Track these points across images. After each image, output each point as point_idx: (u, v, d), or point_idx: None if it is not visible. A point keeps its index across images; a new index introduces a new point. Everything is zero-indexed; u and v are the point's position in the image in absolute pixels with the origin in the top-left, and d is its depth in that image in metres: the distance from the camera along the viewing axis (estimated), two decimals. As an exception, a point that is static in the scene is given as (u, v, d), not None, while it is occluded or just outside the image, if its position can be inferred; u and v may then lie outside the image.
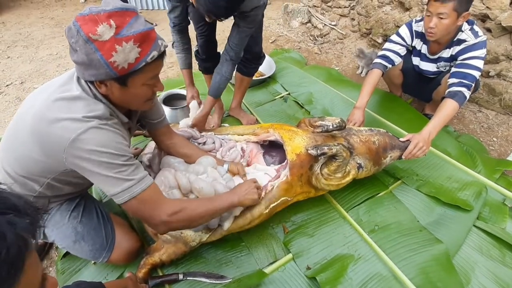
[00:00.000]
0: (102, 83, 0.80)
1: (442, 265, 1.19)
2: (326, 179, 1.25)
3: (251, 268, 1.20)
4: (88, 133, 0.78)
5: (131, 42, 0.75)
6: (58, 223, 1.03)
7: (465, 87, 1.47)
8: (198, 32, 1.67)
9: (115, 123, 0.87)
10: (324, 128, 1.26)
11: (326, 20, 3.29)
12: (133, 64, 0.77)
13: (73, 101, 0.81)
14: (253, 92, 2.23)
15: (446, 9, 1.44)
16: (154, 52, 0.79)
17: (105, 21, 0.72)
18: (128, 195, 0.83)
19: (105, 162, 0.79)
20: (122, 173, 0.81)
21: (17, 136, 0.87)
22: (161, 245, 1.12)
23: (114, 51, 0.73)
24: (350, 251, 1.25)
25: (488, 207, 1.42)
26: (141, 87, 0.84)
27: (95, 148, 0.78)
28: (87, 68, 0.77)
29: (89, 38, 0.72)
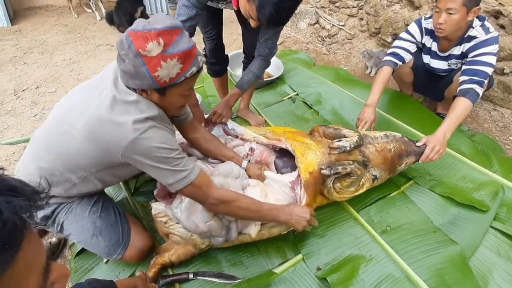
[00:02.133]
0: (144, 90, 0.89)
1: (457, 266, 1.16)
2: (338, 193, 1.24)
3: (261, 268, 1.19)
4: (148, 133, 0.86)
5: (175, 59, 0.82)
6: (78, 216, 1.07)
7: (476, 83, 1.43)
8: (206, 36, 1.68)
9: (165, 122, 0.97)
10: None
11: (334, 20, 3.28)
12: (174, 79, 0.85)
13: (130, 104, 0.89)
14: (261, 93, 2.24)
15: (455, 4, 1.41)
16: (194, 68, 0.88)
17: (155, 39, 0.79)
18: (185, 182, 0.93)
19: (163, 157, 0.89)
20: (177, 165, 0.92)
21: (68, 136, 0.93)
22: (171, 245, 1.13)
23: (159, 67, 0.81)
24: (361, 252, 1.23)
25: (506, 207, 1.38)
26: (178, 97, 0.93)
27: (154, 145, 0.87)
28: (133, 77, 0.85)
29: (139, 53, 0.80)
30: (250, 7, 1.11)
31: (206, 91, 2.29)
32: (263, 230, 1.15)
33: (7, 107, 2.32)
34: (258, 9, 1.08)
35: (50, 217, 1.08)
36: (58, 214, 1.08)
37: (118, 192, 1.51)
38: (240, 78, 1.58)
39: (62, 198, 1.06)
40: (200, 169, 0.98)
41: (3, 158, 1.85)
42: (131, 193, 1.48)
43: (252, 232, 1.13)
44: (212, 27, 1.63)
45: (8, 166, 1.78)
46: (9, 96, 2.43)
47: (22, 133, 2.05)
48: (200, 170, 0.97)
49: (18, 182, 0.36)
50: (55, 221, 1.08)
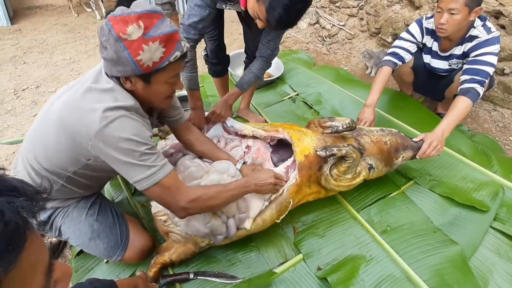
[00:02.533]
0: (128, 79, 0.86)
1: (458, 267, 1.16)
2: (335, 180, 1.24)
3: (261, 268, 1.19)
4: (117, 122, 0.83)
5: (157, 42, 0.80)
6: (75, 219, 1.06)
7: (477, 83, 1.43)
8: (208, 36, 1.68)
9: (140, 114, 0.92)
10: (333, 129, 1.24)
11: (334, 20, 3.28)
12: (157, 63, 0.83)
13: (105, 92, 0.86)
14: (261, 93, 2.24)
15: (457, 5, 1.41)
16: (177, 52, 0.85)
17: (134, 22, 0.78)
18: (151, 181, 0.87)
19: (130, 150, 0.84)
20: (145, 160, 0.86)
21: (44, 128, 0.92)
22: (171, 244, 1.13)
23: (141, 50, 0.79)
24: (361, 252, 1.23)
25: (506, 208, 1.38)
26: (163, 84, 0.90)
27: (122, 136, 0.83)
28: (115, 64, 0.82)
29: (119, 37, 0.78)
30: (259, 8, 1.11)
31: (207, 90, 2.29)
32: (256, 219, 1.14)
33: (7, 106, 2.31)
34: (267, 10, 1.08)
35: (47, 222, 1.07)
36: (55, 219, 1.07)
37: (119, 192, 1.51)
38: (240, 78, 1.59)
39: (59, 202, 1.05)
40: (172, 168, 0.92)
41: (3, 157, 1.85)
42: (132, 193, 1.48)
43: (246, 225, 1.12)
44: (214, 27, 1.63)
45: (8, 166, 1.78)
46: (9, 96, 2.43)
47: (22, 132, 2.05)
48: (171, 170, 0.91)
49: (19, 182, 0.36)
50: (52, 226, 1.08)
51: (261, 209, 1.15)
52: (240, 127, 1.45)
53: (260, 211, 1.14)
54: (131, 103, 0.88)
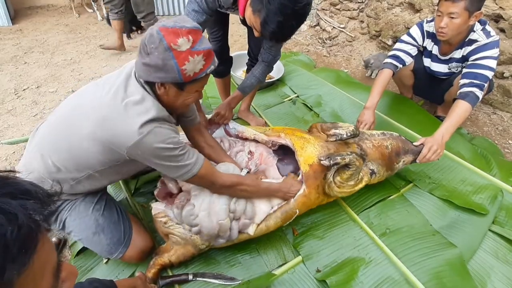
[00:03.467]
0: (163, 85, 0.92)
1: (456, 270, 1.16)
2: (339, 187, 1.24)
3: (260, 270, 1.20)
4: (152, 134, 0.90)
5: (201, 55, 0.89)
6: (81, 213, 1.08)
7: (476, 87, 1.44)
8: (212, 37, 1.68)
9: (169, 122, 0.99)
10: (338, 137, 1.23)
11: (334, 22, 3.29)
12: (197, 74, 0.91)
13: (137, 104, 0.92)
14: (262, 95, 2.24)
15: (457, 9, 1.42)
16: (212, 66, 0.94)
17: (185, 35, 0.86)
18: (190, 174, 1.00)
19: (166, 156, 0.94)
20: (181, 160, 0.97)
21: (74, 134, 0.97)
22: (171, 246, 1.13)
23: (187, 61, 0.87)
24: (361, 254, 1.24)
25: (505, 211, 1.38)
26: (193, 93, 0.98)
27: (157, 146, 0.91)
28: (158, 71, 0.88)
29: (170, 47, 0.85)
30: (255, 20, 1.13)
31: (207, 92, 2.29)
32: (260, 225, 1.15)
33: (7, 106, 2.32)
34: (262, 24, 1.10)
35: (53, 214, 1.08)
36: (62, 211, 1.08)
37: (119, 192, 1.51)
38: (243, 82, 1.59)
39: (67, 195, 1.07)
40: (204, 160, 1.03)
41: (3, 157, 1.85)
42: (131, 193, 1.48)
43: (250, 231, 1.13)
44: (218, 28, 1.64)
45: (8, 166, 1.78)
46: (9, 96, 2.43)
47: (23, 132, 2.06)
48: (203, 162, 1.02)
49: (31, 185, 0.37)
50: (57, 218, 1.09)
51: (266, 216, 1.16)
52: (241, 130, 1.46)
53: (265, 218, 1.15)
54: (162, 114, 0.95)
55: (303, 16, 1.10)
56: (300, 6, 1.04)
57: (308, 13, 1.10)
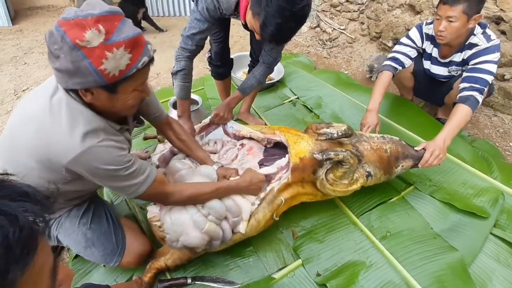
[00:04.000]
0: (88, 90, 0.76)
1: (457, 274, 1.15)
2: (331, 185, 1.23)
3: (259, 273, 1.19)
4: (89, 153, 0.78)
5: (122, 48, 0.71)
6: (68, 230, 1.03)
7: (476, 91, 1.44)
8: (213, 38, 1.68)
9: (112, 135, 0.85)
10: (328, 136, 1.21)
11: (335, 24, 3.29)
12: (124, 71, 0.74)
13: (70, 117, 0.79)
14: (262, 96, 2.23)
15: (455, 12, 1.42)
16: (145, 58, 0.77)
17: (93, 26, 0.68)
18: (135, 194, 0.91)
19: (109, 176, 0.84)
20: (126, 181, 0.87)
21: (16, 151, 0.85)
22: (167, 249, 1.12)
23: (105, 58, 0.70)
24: (361, 258, 1.23)
25: (506, 214, 1.37)
26: (131, 93, 0.82)
27: (97, 166, 0.80)
28: (72, 76, 0.72)
29: (76, 45, 0.68)
30: (255, 23, 1.12)
31: (207, 93, 2.29)
32: (250, 220, 1.13)
33: (7, 107, 2.31)
34: (261, 27, 1.09)
35: None
36: (50, 229, 1.05)
37: (117, 195, 1.50)
38: (243, 82, 1.59)
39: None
40: (154, 177, 0.92)
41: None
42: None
43: (241, 229, 1.11)
44: (220, 30, 1.64)
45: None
46: (9, 96, 2.43)
47: (22, 133, 2.05)
48: (153, 180, 0.91)
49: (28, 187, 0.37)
50: (50, 235, 1.06)
51: (251, 210, 1.14)
52: (238, 128, 1.47)
53: (252, 212, 1.13)
54: (100, 125, 0.81)
55: (302, 18, 1.09)
56: (298, 8, 1.03)
57: (308, 14, 1.09)
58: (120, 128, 0.92)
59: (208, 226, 1.03)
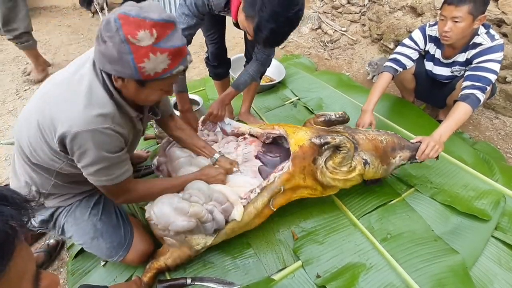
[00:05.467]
0: (120, 78, 0.82)
1: (458, 276, 1.14)
2: (331, 173, 1.23)
3: (259, 274, 1.18)
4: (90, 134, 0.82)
5: (166, 54, 0.78)
6: (78, 219, 1.06)
7: (478, 89, 1.43)
8: (208, 39, 1.68)
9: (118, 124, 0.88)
10: (326, 117, 1.26)
11: (336, 26, 3.29)
12: (159, 73, 0.81)
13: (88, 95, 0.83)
14: (262, 97, 2.24)
15: (461, 13, 1.41)
16: (181, 67, 0.84)
17: (148, 29, 0.75)
18: (102, 185, 0.93)
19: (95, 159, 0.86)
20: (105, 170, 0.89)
21: (31, 123, 0.89)
22: (167, 249, 1.12)
23: (147, 58, 0.76)
24: (361, 260, 1.22)
25: (507, 217, 1.36)
26: (157, 91, 0.89)
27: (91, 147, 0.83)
28: (113, 62, 0.78)
29: (127, 39, 0.74)
30: (248, 25, 1.12)
31: (208, 94, 2.29)
32: (249, 208, 1.13)
33: (8, 106, 2.32)
34: (255, 31, 1.09)
35: (50, 220, 1.08)
36: (58, 217, 1.07)
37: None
38: (237, 78, 1.59)
39: (60, 201, 1.05)
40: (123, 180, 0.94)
41: (2, 157, 1.85)
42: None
43: (236, 216, 1.10)
44: (215, 31, 1.64)
45: (8, 166, 1.78)
46: (11, 96, 2.44)
47: (23, 133, 2.05)
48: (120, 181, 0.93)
49: (7, 191, 0.36)
50: (56, 224, 1.08)
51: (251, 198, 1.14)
52: (237, 125, 1.47)
53: (251, 200, 1.13)
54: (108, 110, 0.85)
55: (295, 22, 1.09)
56: (292, 13, 1.02)
57: (301, 17, 1.09)
58: (136, 115, 0.96)
59: (193, 209, 1.02)
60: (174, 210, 1.00)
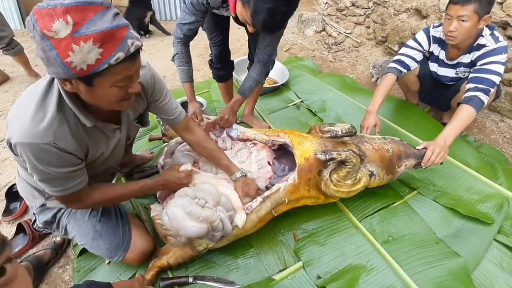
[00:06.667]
0: (67, 80, 0.75)
1: (460, 279, 1.14)
2: (335, 186, 1.24)
3: (260, 274, 1.19)
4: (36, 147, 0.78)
5: (90, 42, 0.67)
6: (79, 220, 1.08)
7: (481, 91, 1.43)
8: (212, 42, 1.71)
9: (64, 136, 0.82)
10: (332, 133, 1.25)
11: (340, 28, 3.30)
12: (93, 66, 0.70)
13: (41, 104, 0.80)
14: (266, 99, 2.25)
15: (466, 12, 1.41)
16: (120, 54, 0.71)
17: (61, 16, 0.65)
18: (51, 193, 0.90)
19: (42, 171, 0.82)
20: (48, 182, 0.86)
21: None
22: (169, 248, 1.14)
23: (71, 51, 0.67)
24: (362, 262, 1.22)
25: (510, 220, 1.35)
26: (110, 88, 0.78)
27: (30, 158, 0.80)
28: (48, 64, 0.72)
29: (44, 35, 0.66)
30: (245, 13, 1.12)
31: (212, 96, 2.32)
32: (252, 216, 1.15)
33: None
34: (252, 15, 1.09)
35: (53, 221, 1.11)
36: (61, 218, 1.10)
37: (122, 194, 1.53)
38: (242, 85, 1.61)
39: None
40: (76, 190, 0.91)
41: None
42: (135, 195, 1.50)
43: (238, 222, 1.11)
44: (218, 33, 1.66)
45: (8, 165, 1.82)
46: (20, 97, 2.49)
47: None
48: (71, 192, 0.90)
49: None
50: (59, 225, 1.11)
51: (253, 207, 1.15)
52: (243, 130, 1.49)
53: (254, 209, 1.15)
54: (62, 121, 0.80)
55: (293, 1, 1.07)
56: None
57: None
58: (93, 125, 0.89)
59: (204, 213, 1.03)
60: (187, 214, 1.01)
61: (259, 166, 1.32)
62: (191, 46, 1.54)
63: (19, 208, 1.47)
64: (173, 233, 1.05)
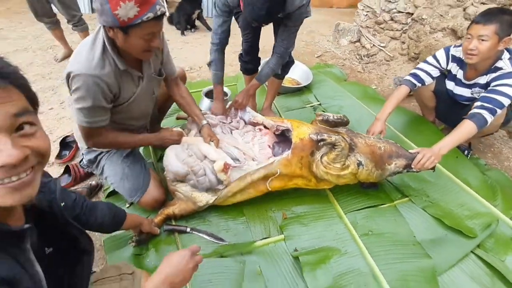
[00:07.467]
0: (111, 28, 1.06)
1: (425, 277, 1.23)
2: (325, 167, 1.39)
3: (246, 238, 1.39)
4: (78, 78, 1.08)
5: (132, 2, 0.98)
6: (114, 162, 1.39)
7: (487, 110, 1.47)
8: (244, 38, 1.94)
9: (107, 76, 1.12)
10: (324, 117, 1.44)
11: (376, 41, 3.36)
12: (131, 19, 1.01)
13: (92, 45, 1.12)
14: (286, 98, 2.43)
15: (487, 31, 1.47)
16: (150, 14, 1.02)
17: None
18: (80, 124, 1.19)
19: (78, 98, 1.12)
20: (83, 112, 1.15)
21: None
22: (176, 201, 1.40)
23: (119, 6, 0.98)
24: (338, 246, 1.36)
25: (494, 239, 1.39)
26: (139, 39, 1.08)
27: (76, 87, 1.10)
28: (101, 14, 1.03)
29: None
30: (242, 8, 1.36)
31: (238, 88, 2.55)
32: (247, 177, 1.35)
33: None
34: (244, 5, 1.33)
35: (94, 161, 1.42)
36: (101, 159, 1.41)
37: (148, 157, 1.82)
38: (259, 72, 1.81)
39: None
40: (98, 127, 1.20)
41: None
42: (157, 159, 1.78)
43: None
44: (249, 31, 1.88)
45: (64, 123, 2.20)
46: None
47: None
48: (94, 127, 1.19)
49: None
50: (98, 165, 1.42)
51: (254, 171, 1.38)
52: (254, 115, 1.71)
53: (249, 172, 1.36)
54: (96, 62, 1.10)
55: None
56: None
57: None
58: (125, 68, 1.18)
59: (188, 159, 1.32)
60: (175, 155, 1.32)
61: (261, 148, 1.51)
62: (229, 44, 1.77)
63: (68, 155, 1.84)
64: (166, 172, 1.35)
